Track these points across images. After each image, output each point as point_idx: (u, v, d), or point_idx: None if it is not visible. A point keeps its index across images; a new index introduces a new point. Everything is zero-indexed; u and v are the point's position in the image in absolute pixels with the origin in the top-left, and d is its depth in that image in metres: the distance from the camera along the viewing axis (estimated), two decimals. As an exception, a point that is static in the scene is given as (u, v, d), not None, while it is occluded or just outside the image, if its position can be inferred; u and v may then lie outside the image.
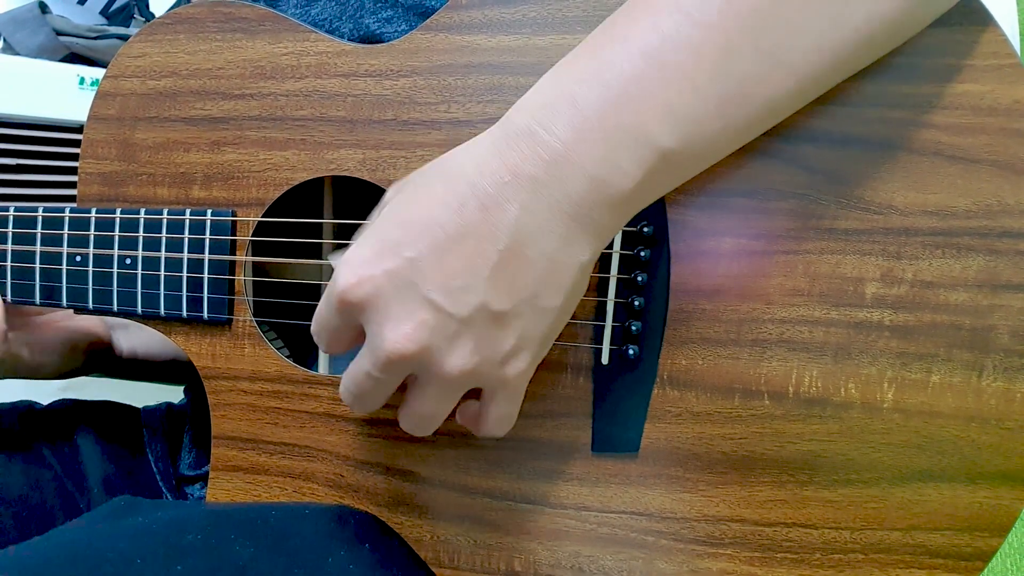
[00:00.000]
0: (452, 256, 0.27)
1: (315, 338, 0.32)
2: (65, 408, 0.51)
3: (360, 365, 0.30)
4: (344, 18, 0.43)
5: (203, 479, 0.50)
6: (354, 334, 0.30)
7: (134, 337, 0.54)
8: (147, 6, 0.88)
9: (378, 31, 0.41)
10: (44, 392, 0.54)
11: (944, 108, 0.32)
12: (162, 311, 0.40)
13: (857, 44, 0.29)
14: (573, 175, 0.27)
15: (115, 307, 0.41)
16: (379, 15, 0.42)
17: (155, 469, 0.51)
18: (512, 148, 0.27)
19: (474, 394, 0.31)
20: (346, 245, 0.43)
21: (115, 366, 0.54)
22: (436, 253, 0.27)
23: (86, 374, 0.52)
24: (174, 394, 0.60)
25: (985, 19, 0.32)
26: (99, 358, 0.51)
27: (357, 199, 0.45)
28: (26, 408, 0.50)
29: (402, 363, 0.28)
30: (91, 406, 0.53)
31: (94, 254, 0.41)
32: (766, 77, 0.28)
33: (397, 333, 0.27)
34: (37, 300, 0.42)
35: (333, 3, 0.44)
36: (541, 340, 0.29)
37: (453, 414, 0.32)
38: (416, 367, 0.28)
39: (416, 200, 0.28)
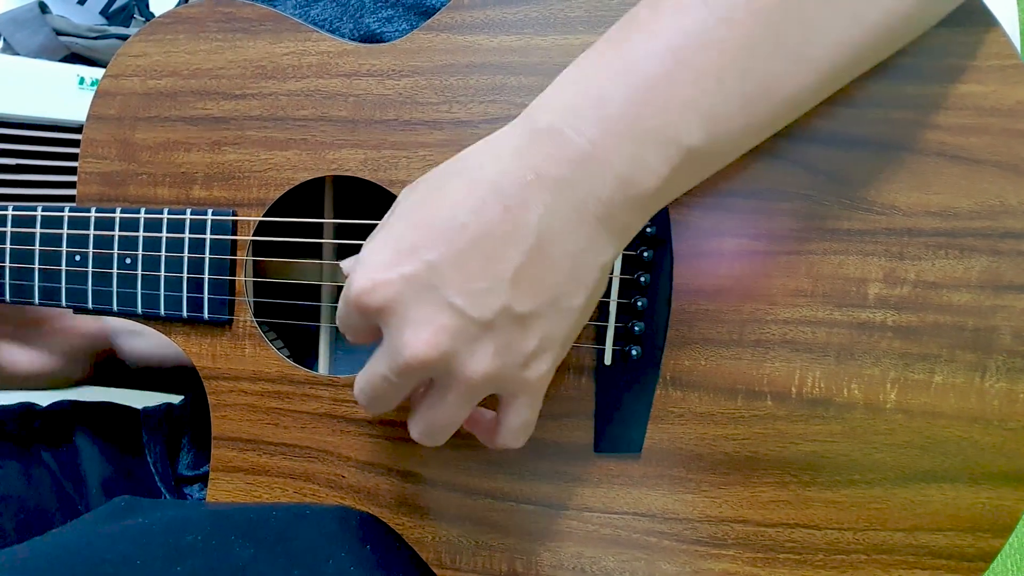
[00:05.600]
0: (473, 258, 0.26)
1: (342, 329, 0.31)
2: (64, 409, 0.51)
3: (376, 368, 0.29)
4: (344, 18, 0.43)
5: (202, 479, 0.49)
6: (375, 330, 0.30)
7: (141, 343, 0.54)
8: (147, 6, 0.88)
9: (379, 31, 0.41)
10: (43, 393, 0.53)
11: (947, 109, 0.32)
12: (162, 311, 0.40)
13: (876, 39, 0.29)
14: (600, 175, 0.26)
15: (115, 307, 0.41)
16: (379, 15, 0.42)
17: (154, 470, 0.51)
18: (536, 148, 0.27)
19: (487, 403, 0.30)
20: (347, 245, 0.43)
21: (121, 375, 0.53)
22: (456, 255, 0.26)
23: (92, 384, 0.50)
24: (173, 395, 0.60)
25: (988, 20, 0.32)
26: (107, 368, 0.50)
27: (358, 199, 0.45)
28: (25, 409, 0.50)
29: (422, 369, 0.27)
30: (90, 407, 0.53)
31: (94, 254, 0.40)
32: (789, 74, 0.28)
33: (417, 339, 0.26)
34: (36, 300, 0.42)
35: (333, 4, 0.43)
36: (563, 341, 0.29)
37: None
38: (436, 372, 0.28)
39: (433, 200, 0.27)
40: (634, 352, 0.34)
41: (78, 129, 0.69)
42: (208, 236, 0.39)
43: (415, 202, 0.28)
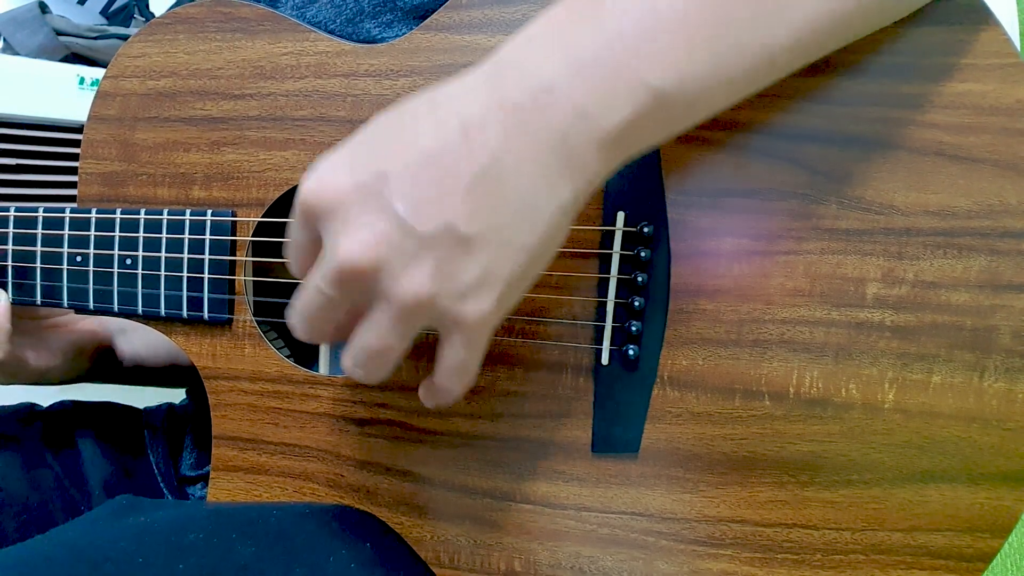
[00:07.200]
0: (425, 172, 0.26)
1: (286, 257, 0.30)
2: (66, 410, 0.51)
3: (311, 280, 0.28)
4: (340, 21, 0.43)
5: (204, 479, 0.50)
6: (316, 244, 0.29)
7: (135, 340, 0.54)
8: (147, 6, 0.88)
9: (379, 36, 0.41)
10: (45, 394, 0.54)
11: (946, 107, 0.32)
12: (163, 311, 0.40)
13: (858, 8, 0.29)
14: (559, 106, 0.26)
15: (116, 307, 0.41)
16: (379, 19, 0.42)
17: (156, 470, 0.51)
18: (500, 78, 0.27)
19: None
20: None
21: (118, 372, 0.53)
22: (409, 167, 0.26)
23: (91, 381, 0.51)
24: (175, 395, 0.60)
25: (987, 18, 0.31)
26: (104, 364, 0.51)
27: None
28: (27, 410, 0.50)
29: (353, 277, 0.26)
30: (92, 407, 0.53)
31: (95, 254, 0.41)
32: (763, 27, 0.28)
33: (353, 242, 0.26)
34: (38, 300, 0.42)
35: (329, 6, 0.43)
36: (508, 281, 0.27)
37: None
38: (368, 285, 0.27)
39: (398, 119, 0.28)
40: (631, 352, 0.34)
41: (78, 129, 0.69)
42: (208, 236, 0.39)
43: (379, 123, 0.28)
